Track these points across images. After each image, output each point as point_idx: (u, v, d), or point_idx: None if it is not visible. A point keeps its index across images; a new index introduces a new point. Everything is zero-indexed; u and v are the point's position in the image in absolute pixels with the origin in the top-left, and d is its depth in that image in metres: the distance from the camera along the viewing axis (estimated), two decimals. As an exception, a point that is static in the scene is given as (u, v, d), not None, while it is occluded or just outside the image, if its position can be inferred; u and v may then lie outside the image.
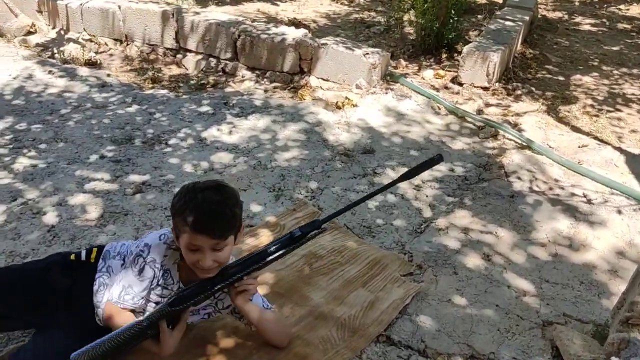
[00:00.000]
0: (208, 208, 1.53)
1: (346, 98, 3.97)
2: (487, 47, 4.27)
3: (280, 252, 1.70)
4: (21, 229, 2.49)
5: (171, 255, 1.69)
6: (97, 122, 3.51)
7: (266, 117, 3.70)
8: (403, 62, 4.82)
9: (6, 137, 3.28)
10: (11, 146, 3.18)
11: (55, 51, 4.65)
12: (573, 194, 2.99)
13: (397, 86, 4.23)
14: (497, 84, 4.32)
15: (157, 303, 1.72)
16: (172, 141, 3.32)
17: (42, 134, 3.33)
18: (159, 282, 1.71)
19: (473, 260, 2.47)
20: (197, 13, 4.61)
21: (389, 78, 4.31)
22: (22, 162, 3.02)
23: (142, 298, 1.71)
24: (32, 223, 2.53)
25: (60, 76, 4.19)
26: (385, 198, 2.91)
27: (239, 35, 4.32)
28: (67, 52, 4.59)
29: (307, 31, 4.39)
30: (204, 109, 3.78)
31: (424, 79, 4.47)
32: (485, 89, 4.23)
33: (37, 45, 4.83)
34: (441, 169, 3.22)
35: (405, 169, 3.16)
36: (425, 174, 3.15)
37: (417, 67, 4.73)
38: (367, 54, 4.11)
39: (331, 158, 3.26)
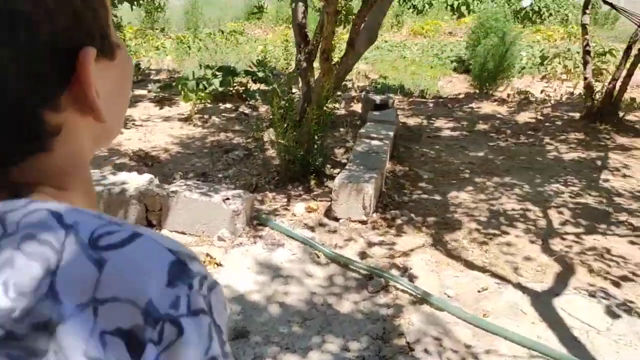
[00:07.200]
0: None
1: (207, 255, 3.29)
2: (359, 176, 3.88)
3: None
4: None
5: None
6: None
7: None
8: (269, 195, 4.29)
9: None
10: None
11: None
12: (490, 364, 2.52)
13: (267, 231, 3.64)
14: (374, 214, 3.91)
15: None
16: None
17: None
18: None
19: None
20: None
21: (256, 222, 3.72)
22: None
23: None
24: None
25: None
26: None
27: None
28: None
29: (152, 176, 3.70)
30: None
31: (295, 215, 3.94)
32: (363, 222, 3.79)
33: None
34: (332, 349, 2.61)
35: None
36: (315, 360, 2.51)
37: (285, 200, 4.21)
38: (227, 199, 3.51)
39: None
